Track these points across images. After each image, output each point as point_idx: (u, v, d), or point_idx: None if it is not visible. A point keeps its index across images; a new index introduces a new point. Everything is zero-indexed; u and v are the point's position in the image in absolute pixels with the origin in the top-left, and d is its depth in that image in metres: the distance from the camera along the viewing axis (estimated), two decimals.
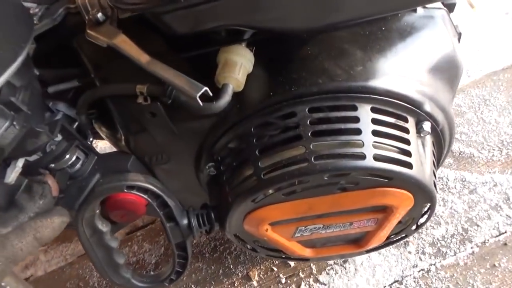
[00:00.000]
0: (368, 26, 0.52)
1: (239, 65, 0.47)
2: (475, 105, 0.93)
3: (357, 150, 0.44)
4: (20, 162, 0.50)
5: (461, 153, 0.85)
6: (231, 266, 0.80)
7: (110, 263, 0.54)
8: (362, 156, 0.44)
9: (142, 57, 0.47)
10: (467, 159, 0.84)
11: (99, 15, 0.50)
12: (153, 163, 0.58)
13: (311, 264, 0.77)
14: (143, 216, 0.67)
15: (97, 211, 0.51)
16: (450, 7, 0.63)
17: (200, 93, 0.42)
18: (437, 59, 0.53)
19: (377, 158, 0.44)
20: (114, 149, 0.73)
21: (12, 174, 0.49)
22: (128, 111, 0.53)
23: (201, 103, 0.42)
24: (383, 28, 0.52)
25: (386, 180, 0.46)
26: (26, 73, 0.46)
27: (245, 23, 0.41)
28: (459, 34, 0.62)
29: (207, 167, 0.55)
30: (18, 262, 0.38)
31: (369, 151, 0.44)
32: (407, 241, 0.75)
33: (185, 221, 0.53)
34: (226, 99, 0.46)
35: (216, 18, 0.41)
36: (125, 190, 0.49)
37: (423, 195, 0.49)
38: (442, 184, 0.82)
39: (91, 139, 0.59)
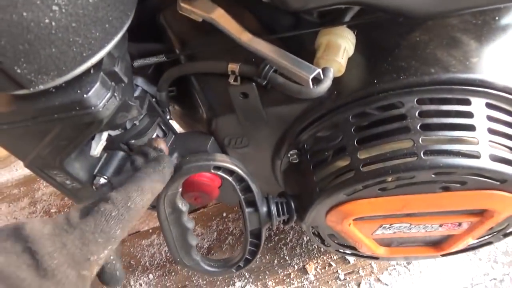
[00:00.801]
0: (481, 15, 0.48)
1: (342, 48, 0.44)
2: None
3: (471, 147, 0.41)
4: (105, 136, 0.49)
5: None
6: (287, 258, 0.78)
7: (184, 243, 0.53)
8: (477, 155, 0.41)
9: (243, 34, 0.45)
10: None
11: None
12: (231, 146, 0.56)
13: (372, 263, 0.74)
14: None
15: (180, 189, 0.49)
16: None
17: (313, 75, 0.39)
18: None
19: (493, 158, 0.41)
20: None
21: (98, 147, 0.48)
22: (216, 90, 0.51)
23: (312, 86, 0.39)
24: (497, 18, 0.48)
25: (498, 183, 0.42)
26: (123, 44, 0.45)
27: (370, 2, 0.38)
28: None
29: (289, 154, 0.52)
30: (134, 221, 0.37)
31: (485, 150, 0.41)
32: None
33: (265, 209, 0.51)
34: (327, 83, 0.43)
35: None
36: (212, 171, 0.47)
37: None
38: None
39: (168, 117, 0.58)
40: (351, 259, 0.75)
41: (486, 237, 0.56)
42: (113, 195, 0.35)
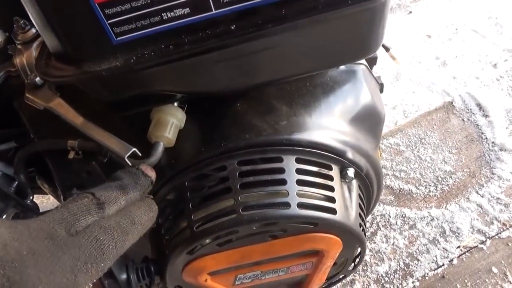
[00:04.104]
0: (294, 81, 0.57)
1: (170, 124, 0.50)
2: (412, 143, 1.00)
3: (283, 199, 0.47)
4: None
5: (401, 190, 0.91)
6: None
7: None
8: (287, 205, 0.47)
9: (76, 119, 0.49)
10: (406, 196, 0.90)
11: (37, 79, 0.52)
12: None
13: None
14: None
15: None
16: (373, 61, 0.70)
17: (128, 154, 0.44)
18: (357, 110, 0.58)
19: (301, 206, 0.47)
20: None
21: None
22: (65, 169, 0.54)
23: (129, 163, 0.44)
24: (308, 84, 0.57)
25: (312, 226, 0.49)
26: None
27: (169, 89, 0.45)
28: (381, 85, 0.69)
29: None
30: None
31: (294, 200, 0.47)
32: (353, 279, 0.77)
33: (123, 276, 0.53)
34: (156, 156, 0.48)
35: (139, 86, 0.44)
36: None
37: (351, 238, 0.53)
38: (384, 221, 0.86)
39: (31, 197, 0.60)
40: None
41: (338, 272, 0.62)
42: (112, 225, 0.31)
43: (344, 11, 0.36)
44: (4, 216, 0.54)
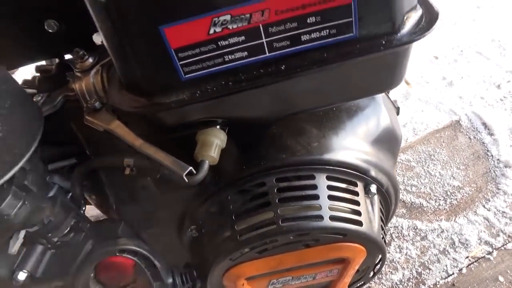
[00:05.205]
0: None
1: (214, 145, 0.56)
2: (422, 160, 1.07)
3: (316, 212, 0.54)
4: (22, 234, 0.56)
5: (412, 204, 0.97)
6: None
7: None
8: (321, 218, 0.54)
9: (135, 140, 0.56)
10: (417, 209, 0.96)
11: (97, 103, 0.59)
12: (141, 227, 0.65)
13: None
14: None
15: (92, 274, 0.57)
16: None
17: (186, 172, 0.51)
18: (378, 132, 0.64)
19: (332, 218, 0.54)
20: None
21: (16, 245, 0.55)
22: (121, 184, 0.60)
23: (187, 180, 0.51)
24: (334, 109, 0.64)
25: (341, 236, 0.55)
26: (34, 157, 0.54)
27: (220, 116, 0.52)
28: (398, 108, 0.76)
29: (189, 229, 0.62)
30: None
31: (326, 213, 0.54)
32: (369, 287, 0.83)
33: (170, 280, 0.60)
34: (203, 173, 0.54)
35: (197, 114, 0.51)
36: (117, 254, 0.56)
37: (374, 247, 0.59)
38: (397, 233, 0.92)
39: (84, 208, 0.66)
40: None
41: (360, 278, 0.68)
42: None
43: (376, 54, 0.43)
44: (64, 226, 0.60)
